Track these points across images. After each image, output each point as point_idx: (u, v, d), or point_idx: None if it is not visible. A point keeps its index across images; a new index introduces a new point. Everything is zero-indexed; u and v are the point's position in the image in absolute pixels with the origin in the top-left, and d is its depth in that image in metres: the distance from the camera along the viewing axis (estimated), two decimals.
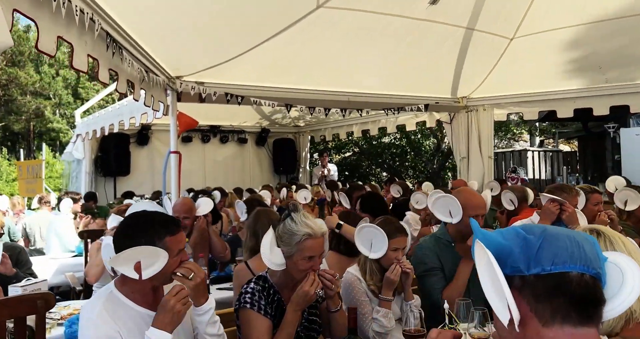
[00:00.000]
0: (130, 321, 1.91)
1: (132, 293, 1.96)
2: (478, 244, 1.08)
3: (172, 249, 1.93)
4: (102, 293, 2.00)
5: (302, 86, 6.09)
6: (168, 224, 1.97)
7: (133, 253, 1.86)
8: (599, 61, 6.46)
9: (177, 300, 1.86)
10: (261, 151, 11.66)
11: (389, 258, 2.61)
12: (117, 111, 7.30)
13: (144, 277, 1.86)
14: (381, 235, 2.60)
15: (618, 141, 10.02)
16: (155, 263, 1.87)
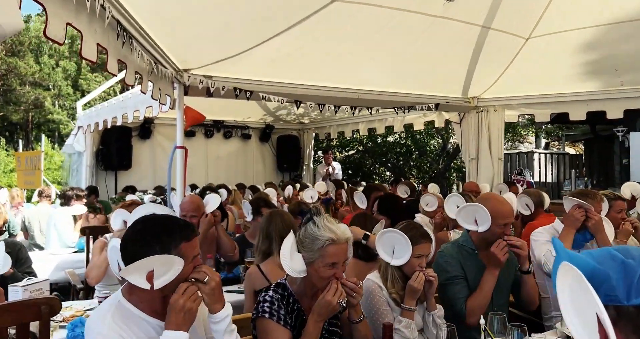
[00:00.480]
0: (142, 333, 1.78)
1: (141, 302, 1.83)
2: (564, 267, 0.93)
3: (188, 255, 1.80)
4: (109, 303, 1.86)
5: (312, 82, 5.94)
6: (183, 229, 1.83)
7: (146, 263, 1.72)
8: (615, 64, 6.33)
9: (187, 298, 1.74)
10: (265, 147, 11.51)
11: (412, 265, 2.48)
12: (121, 104, 7.14)
13: (156, 286, 1.72)
14: (404, 241, 2.46)
15: (627, 145, 9.88)
16: (169, 271, 1.74)
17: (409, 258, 2.46)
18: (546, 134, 15.90)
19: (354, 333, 2.22)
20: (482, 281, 2.70)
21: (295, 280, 2.21)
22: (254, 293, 2.99)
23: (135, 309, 1.81)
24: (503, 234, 2.70)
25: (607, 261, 0.94)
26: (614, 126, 10.09)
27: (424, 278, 2.43)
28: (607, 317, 0.84)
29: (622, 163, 10.24)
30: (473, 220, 2.78)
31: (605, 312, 0.85)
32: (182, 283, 1.76)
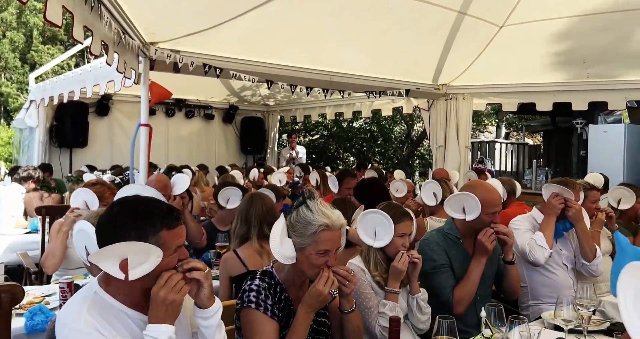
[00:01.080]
0: (123, 327, 1.60)
1: (120, 293, 1.64)
2: (635, 268, 0.83)
3: (169, 245, 1.60)
4: (84, 294, 1.65)
5: (285, 62, 5.75)
6: (165, 215, 1.62)
7: (119, 249, 1.53)
8: (584, 56, 6.40)
9: (168, 290, 1.55)
10: (228, 128, 11.23)
11: (395, 245, 2.41)
12: (79, 77, 6.74)
13: (131, 277, 1.53)
14: (386, 221, 2.39)
15: (585, 137, 10.14)
16: (146, 261, 1.54)
17: (391, 238, 2.39)
18: (508, 124, 16.20)
19: (345, 324, 2.11)
20: (469, 269, 2.65)
21: (283, 268, 2.08)
22: (229, 279, 2.85)
23: (114, 301, 1.62)
24: (491, 223, 2.65)
25: None
26: (574, 118, 10.32)
27: (407, 258, 2.36)
28: None
29: (580, 155, 10.52)
30: (461, 209, 2.71)
31: None
32: (164, 272, 1.59)
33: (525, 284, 3.27)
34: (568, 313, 2.17)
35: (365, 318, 2.37)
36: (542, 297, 3.21)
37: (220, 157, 10.85)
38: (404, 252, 2.38)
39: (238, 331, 2.08)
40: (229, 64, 5.29)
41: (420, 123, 13.09)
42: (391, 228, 2.38)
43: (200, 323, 1.70)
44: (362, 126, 14.62)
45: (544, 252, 3.08)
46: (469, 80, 7.36)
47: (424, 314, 2.46)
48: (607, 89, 6.75)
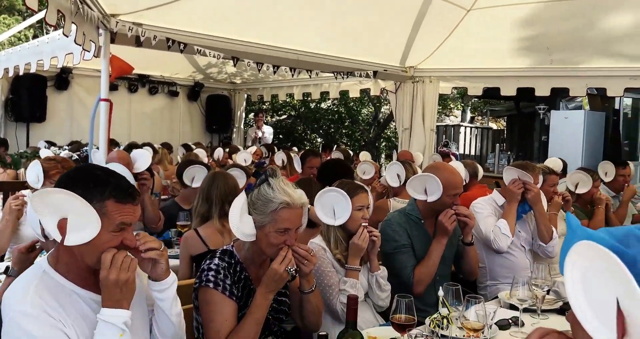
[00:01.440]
0: (72, 307, 1.52)
1: (70, 272, 1.55)
2: (583, 246, 0.83)
3: (112, 218, 1.50)
4: (32, 273, 1.56)
5: (252, 39, 5.63)
6: (118, 187, 1.54)
7: (62, 201, 1.45)
8: (548, 42, 6.50)
9: (117, 270, 1.48)
10: (193, 106, 11.01)
11: (355, 220, 2.42)
12: (36, 49, 6.46)
13: (67, 242, 1.46)
14: (342, 197, 2.39)
15: (547, 123, 10.37)
16: (84, 228, 1.46)
17: (350, 213, 2.39)
18: (473, 109, 16.41)
19: (304, 304, 2.10)
20: (430, 250, 2.68)
21: (244, 246, 2.05)
22: (190, 258, 2.81)
23: (64, 280, 1.54)
24: (453, 204, 2.68)
25: (633, 243, 0.85)
26: (537, 103, 10.53)
27: (367, 235, 2.37)
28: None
29: (542, 139, 10.76)
30: (423, 190, 2.73)
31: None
32: (105, 254, 1.50)
33: (484, 265, 3.34)
34: (523, 293, 2.22)
35: (327, 296, 2.38)
36: (500, 277, 3.29)
37: (185, 136, 10.65)
38: (364, 229, 2.39)
39: (196, 310, 2.05)
40: (193, 39, 5.15)
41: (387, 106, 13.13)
42: (348, 203, 2.38)
43: (156, 296, 1.65)
44: (330, 107, 14.58)
45: (507, 240, 3.17)
46: (435, 64, 7.40)
47: (384, 292, 2.48)
48: (569, 75, 6.88)
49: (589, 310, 0.84)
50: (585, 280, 0.85)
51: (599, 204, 4.15)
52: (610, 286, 0.80)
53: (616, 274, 0.78)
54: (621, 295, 0.79)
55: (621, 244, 0.85)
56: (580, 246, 0.84)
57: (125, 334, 1.48)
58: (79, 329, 1.50)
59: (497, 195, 3.45)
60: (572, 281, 0.86)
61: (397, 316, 1.79)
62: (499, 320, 2.25)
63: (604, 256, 0.80)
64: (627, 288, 0.77)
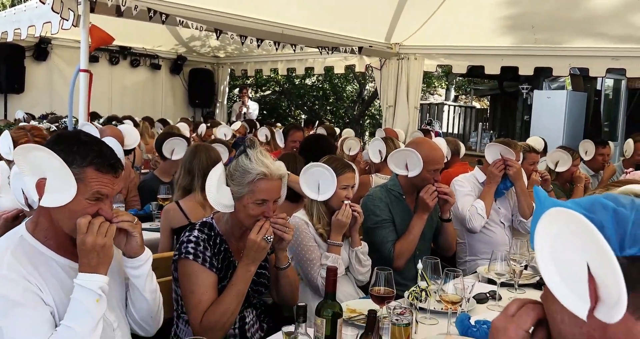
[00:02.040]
0: (49, 273, 1.50)
1: (47, 238, 1.54)
2: (554, 213, 0.84)
3: (89, 186, 1.48)
4: (9, 237, 1.55)
5: (235, 11, 5.53)
6: (100, 156, 1.51)
7: (42, 160, 1.45)
8: (533, 21, 6.50)
9: (93, 235, 1.46)
10: (176, 80, 10.84)
11: (339, 197, 2.42)
12: (12, 17, 6.25)
13: (43, 203, 1.45)
14: (328, 173, 2.39)
15: (529, 102, 10.42)
16: (61, 191, 1.45)
17: (334, 190, 2.40)
18: (457, 87, 16.43)
19: (280, 280, 2.12)
20: (411, 225, 2.70)
21: (222, 218, 2.05)
22: (171, 230, 2.80)
23: (42, 246, 1.53)
24: (433, 180, 2.69)
25: (598, 209, 0.86)
26: (520, 83, 10.57)
27: (350, 211, 2.38)
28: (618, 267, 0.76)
29: (524, 119, 10.83)
30: (404, 165, 2.74)
31: (614, 257, 0.76)
32: (80, 219, 1.47)
33: (464, 241, 3.39)
34: (501, 267, 2.25)
35: (308, 270, 2.40)
36: (479, 253, 3.34)
37: (167, 110, 10.52)
38: (347, 204, 2.40)
39: (175, 282, 2.05)
40: (176, 10, 5.04)
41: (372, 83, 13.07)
42: (334, 181, 2.38)
43: (131, 272, 1.64)
44: (315, 83, 14.47)
45: (482, 220, 3.20)
46: (421, 41, 7.37)
47: (364, 267, 2.51)
48: (552, 55, 6.91)
49: (559, 278, 0.85)
50: (554, 248, 0.85)
51: (578, 183, 4.20)
52: (581, 251, 0.81)
53: (586, 237, 0.79)
54: (592, 259, 0.80)
55: (588, 211, 0.85)
56: (550, 213, 0.85)
57: (102, 299, 1.47)
58: (56, 295, 1.49)
59: (479, 172, 3.48)
60: (541, 250, 0.87)
61: (377, 289, 1.81)
62: (476, 294, 2.28)
63: (573, 220, 0.81)
64: (597, 249, 0.77)
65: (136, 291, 1.66)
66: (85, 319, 1.44)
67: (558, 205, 0.88)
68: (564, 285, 0.85)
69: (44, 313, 1.45)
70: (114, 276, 1.62)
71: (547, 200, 0.91)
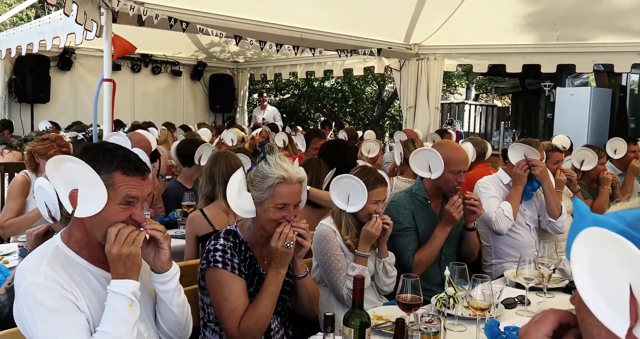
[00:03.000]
0: (83, 282, 1.53)
1: (81, 248, 1.57)
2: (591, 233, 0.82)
3: (119, 190, 1.50)
4: (45, 248, 1.58)
5: (254, 17, 5.57)
6: (127, 160, 1.54)
7: (73, 171, 1.48)
8: (554, 17, 6.41)
9: (120, 244, 1.48)
10: (196, 85, 10.96)
11: (368, 211, 2.39)
12: (38, 29, 6.40)
13: (77, 214, 1.48)
14: (360, 187, 2.35)
15: (552, 100, 10.28)
16: (93, 200, 1.48)
17: (364, 204, 2.36)
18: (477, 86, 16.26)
19: (298, 289, 2.11)
20: (433, 235, 2.66)
21: (246, 225, 2.06)
22: (196, 238, 2.83)
23: (76, 255, 1.56)
24: (457, 182, 2.66)
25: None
26: (542, 80, 10.42)
27: (381, 223, 2.36)
28: None
29: (547, 117, 10.68)
30: (427, 167, 2.71)
31: None
32: (111, 228, 1.50)
33: (489, 244, 3.34)
34: (529, 272, 2.22)
35: (334, 280, 2.38)
36: (505, 256, 3.29)
37: (188, 115, 10.64)
38: (377, 217, 2.37)
39: (202, 291, 2.06)
40: (196, 18, 5.10)
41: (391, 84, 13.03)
42: (365, 194, 2.35)
43: (158, 287, 1.65)
44: (334, 85, 14.47)
45: (508, 223, 3.14)
46: (440, 41, 7.32)
47: (390, 278, 2.48)
48: (575, 51, 6.80)
49: (599, 297, 0.83)
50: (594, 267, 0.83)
51: (604, 184, 4.10)
52: (622, 271, 0.78)
53: (629, 258, 0.77)
54: (634, 280, 0.78)
55: (632, 228, 0.83)
56: (589, 232, 0.82)
57: (134, 304, 1.50)
58: (90, 303, 1.52)
59: (503, 173, 3.43)
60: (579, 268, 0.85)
61: (403, 296, 1.80)
62: (505, 299, 2.25)
63: (614, 241, 0.79)
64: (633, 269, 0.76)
65: (164, 305, 1.67)
66: (120, 324, 1.47)
67: (600, 221, 0.85)
68: (602, 301, 0.82)
69: (81, 319, 1.49)
70: (143, 288, 1.64)
71: (588, 215, 0.88)
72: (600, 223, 0.83)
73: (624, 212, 0.88)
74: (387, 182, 2.53)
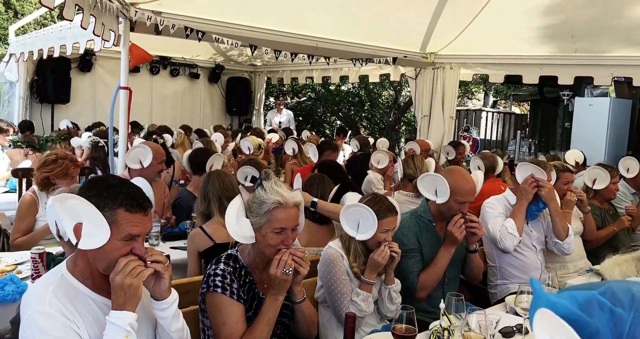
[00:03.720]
0: (86, 310, 1.60)
1: (85, 277, 1.64)
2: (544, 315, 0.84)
3: (121, 227, 1.58)
4: (52, 276, 1.65)
5: (269, 26, 5.62)
6: (131, 197, 1.61)
7: (77, 207, 1.56)
8: (572, 30, 6.35)
9: (124, 275, 1.55)
10: (214, 88, 11.06)
11: (378, 240, 2.40)
12: (59, 34, 6.54)
13: (80, 246, 1.55)
14: (370, 216, 2.35)
15: (570, 109, 10.15)
16: (96, 234, 1.55)
17: (374, 232, 2.37)
18: (495, 93, 16.12)
19: (296, 314, 2.15)
20: (437, 257, 2.67)
21: (246, 251, 2.11)
22: (197, 254, 2.90)
23: (80, 284, 1.63)
24: (459, 212, 2.66)
25: (595, 311, 0.85)
26: (561, 89, 10.30)
27: (389, 252, 2.37)
28: None
29: (565, 126, 10.56)
30: (434, 190, 2.73)
31: None
32: (122, 258, 1.58)
33: (495, 264, 3.34)
34: (528, 302, 2.22)
35: (337, 303, 2.40)
36: (510, 277, 3.28)
37: (205, 118, 10.75)
38: (386, 245, 2.38)
39: (202, 313, 2.11)
40: (212, 27, 5.17)
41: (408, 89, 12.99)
42: (375, 223, 2.36)
43: (157, 314, 1.71)
44: (351, 89, 14.47)
45: (514, 240, 3.13)
46: (456, 50, 7.29)
47: (394, 304, 2.49)
48: (594, 64, 6.73)
49: None
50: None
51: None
52: None
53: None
54: None
55: (583, 312, 0.85)
56: (543, 314, 0.85)
57: (131, 335, 1.55)
58: (92, 331, 1.59)
59: (510, 194, 3.42)
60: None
61: (399, 327, 1.83)
62: (503, 327, 2.26)
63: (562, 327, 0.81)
64: None
65: (163, 330, 1.73)
66: None
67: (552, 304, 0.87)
68: None
69: None
70: (144, 313, 1.70)
71: (543, 295, 0.90)
72: (552, 306, 0.85)
73: (577, 292, 0.90)
74: (398, 211, 2.53)
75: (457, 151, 6.45)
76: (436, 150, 7.09)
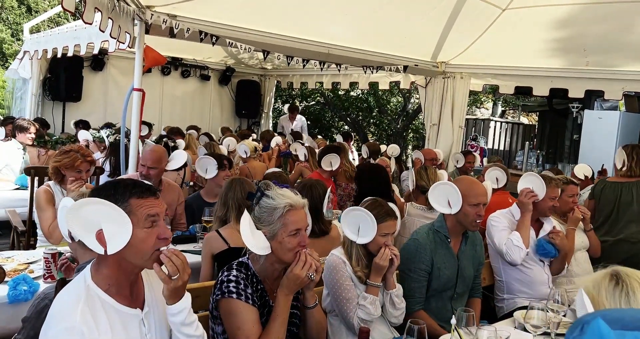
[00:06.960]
0: (114, 323, 1.60)
1: (110, 286, 1.63)
2: None
3: (138, 213, 1.59)
4: (77, 286, 1.63)
5: (283, 32, 5.66)
6: (133, 186, 1.64)
7: (92, 212, 1.55)
8: (584, 43, 6.36)
9: None
10: (224, 90, 11.11)
11: (377, 243, 2.44)
12: (73, 33, 6.62)
13: (110, 251, 1.54)
14: (370, 219, 2.42)
15: (579, 121, 10.15)
16: (119, 231, 1.55)
17: (374, 236, 2.42)
18: (504, 103, 16.11)
19: (307, 319, 2.17)
20: None
21: (259, 259, 2.13)
22: (211, 257, 2.94)
23: (105, 294, 1.61)
24: (476, 215, 2.68)
25: None
26: (570, 101, 10.29)
27: (389, 253, 2.41)
28: None
29: (573, 138, 10.55)
30: (446, 202, 2.74)
31: None
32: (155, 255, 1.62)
33: (501, 279, 3.35)
34: (538, 319, 2.23)
35: (344, 309, 2.44)
36: (517, 292, 3.28)
37: (214, 119, 10.80)
38: (386, 248, 2.42)
39: (214, 320, 2.13)
40: (226, 32, 5.21)
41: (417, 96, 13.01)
42: (374, 227, 2.40)
43: (169, 318, 1.72)
44: (360, 95, 14.51)
45: (520, 252, 3.14)
46: (467, 60, 7.31)
47: (397, 310, 2.52)
48: (604, 78, 6.73)
49: None
50: None
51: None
52: None
53: None
54: None
55: None
56: None
57: None
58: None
59: (516, 208, 3.42)
60: None
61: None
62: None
63: None
64: None
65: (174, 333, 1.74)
66: None
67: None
68: None
69: None
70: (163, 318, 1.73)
71: None
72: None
73: None
74: (398, 215, 2.57)
75: (466, 160, 6.47)
76: (445, 159, 7.10)
